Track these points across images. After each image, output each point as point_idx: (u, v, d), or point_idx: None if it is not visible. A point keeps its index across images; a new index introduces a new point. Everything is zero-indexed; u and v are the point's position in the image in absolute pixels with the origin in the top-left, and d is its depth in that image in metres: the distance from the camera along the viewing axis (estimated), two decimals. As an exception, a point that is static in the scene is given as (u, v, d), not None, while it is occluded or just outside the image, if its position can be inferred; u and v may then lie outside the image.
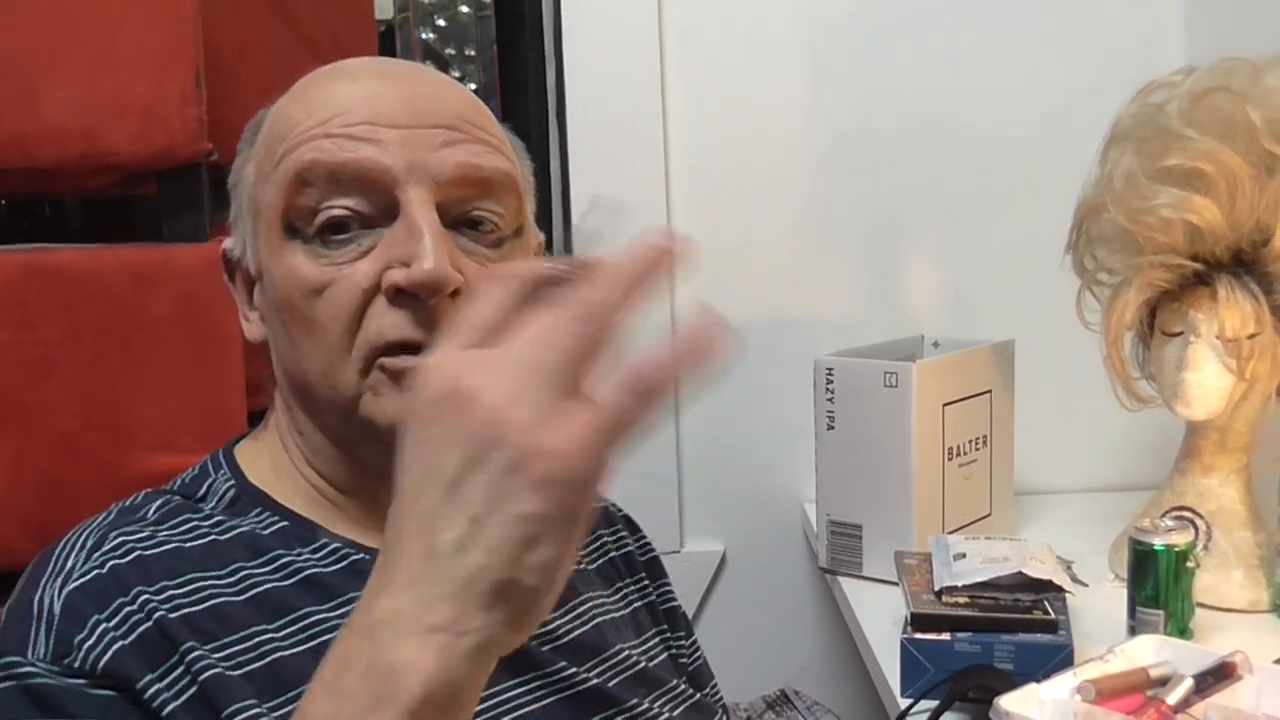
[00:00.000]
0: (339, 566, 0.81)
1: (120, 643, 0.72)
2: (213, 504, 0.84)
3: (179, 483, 0.87)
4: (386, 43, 1.87)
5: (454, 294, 0.78)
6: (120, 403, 1.24)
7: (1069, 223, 1.39)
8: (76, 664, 0.71)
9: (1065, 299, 1.40)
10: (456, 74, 1.89)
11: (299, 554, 0.81)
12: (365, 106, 0.79)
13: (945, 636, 1.11)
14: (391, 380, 0.78)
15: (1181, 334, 1.29)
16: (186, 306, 1.24)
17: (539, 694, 0.83)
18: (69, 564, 0.76)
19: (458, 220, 0.80)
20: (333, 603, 0.79)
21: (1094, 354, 1.36)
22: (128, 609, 0.73)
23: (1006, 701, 0.92)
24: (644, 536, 1.07)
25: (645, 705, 0.88)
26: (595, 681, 0.86)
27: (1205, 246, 1.25)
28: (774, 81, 1.79)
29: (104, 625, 0.73)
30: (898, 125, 1.79)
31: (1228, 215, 1.23)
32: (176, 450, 1.23)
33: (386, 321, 0.78)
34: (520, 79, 1.86)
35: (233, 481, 0.85)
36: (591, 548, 1.01)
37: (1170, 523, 1.19)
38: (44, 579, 0.76)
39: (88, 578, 0.75)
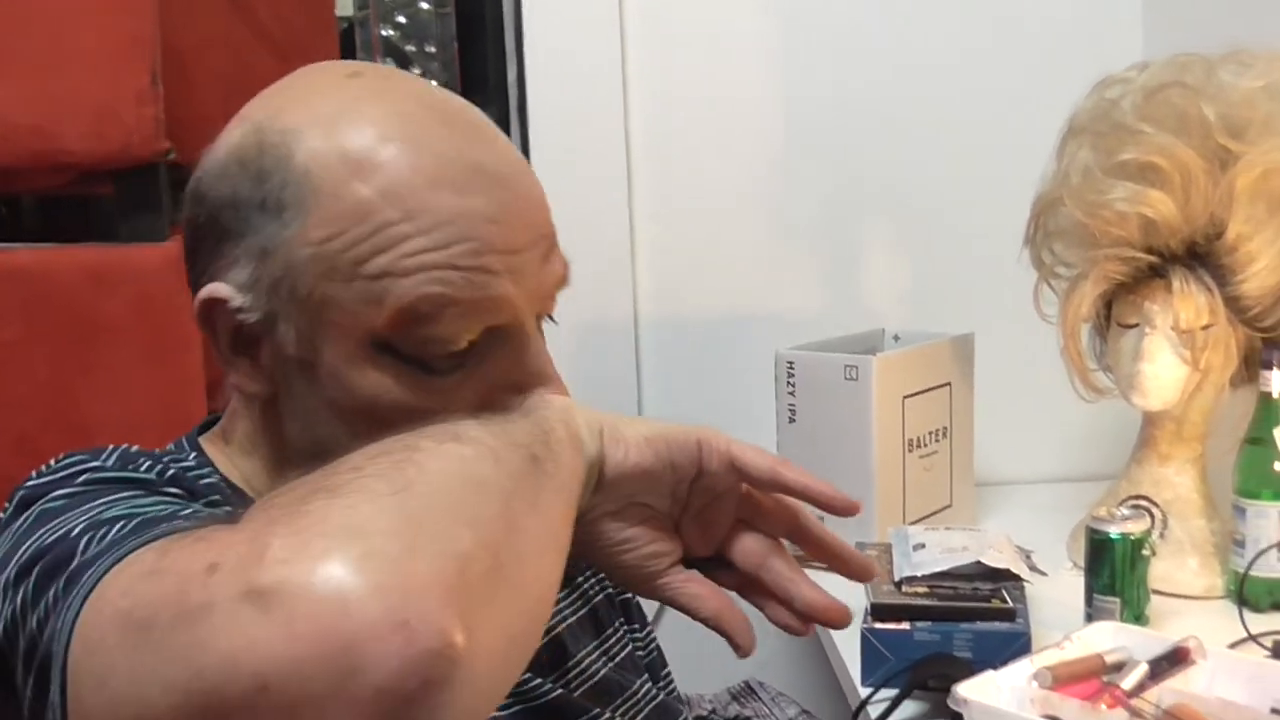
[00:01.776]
0: None
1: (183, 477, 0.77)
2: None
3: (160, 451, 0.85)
4: (347, 40, 1.86)
5: None
6: (78, 403, 1.23)
7: (1027, 216, 1.40)
8: (143, 469, 0.75)
9: (1024, 292, 1.42)
10: (418, 70, 1.88)
11: None
12: (490, 232, 0.73)
13: (905, 626, 1.12)
14: None
15: (1137, 326, 1.30)
16: (144, 307, 1.24)
17: (506, 704, 0.82)
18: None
19: None
20: None
21: (1052, 346, 1.37)
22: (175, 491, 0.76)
23: (964, 689, 0.93)
24: None
25: (609, 715, 0.88)
26: (560, 692, 0.86)
27: (1160, 240, 1.27)
28: (735, 78, 1.79)
29: (161, 463, 0.77)
30: (858, 121, 1.80)
31: (1182, 209, 1.24)
32: (136, 450, 1.23)
33: None
34: (481, 76, 1.86)
35: (210, 468, 0.83)
36: None
37: (1126, 511, 1.21)
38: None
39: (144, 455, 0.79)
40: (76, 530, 0.65)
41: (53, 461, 0.76)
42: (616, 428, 0.76)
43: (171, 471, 0.77)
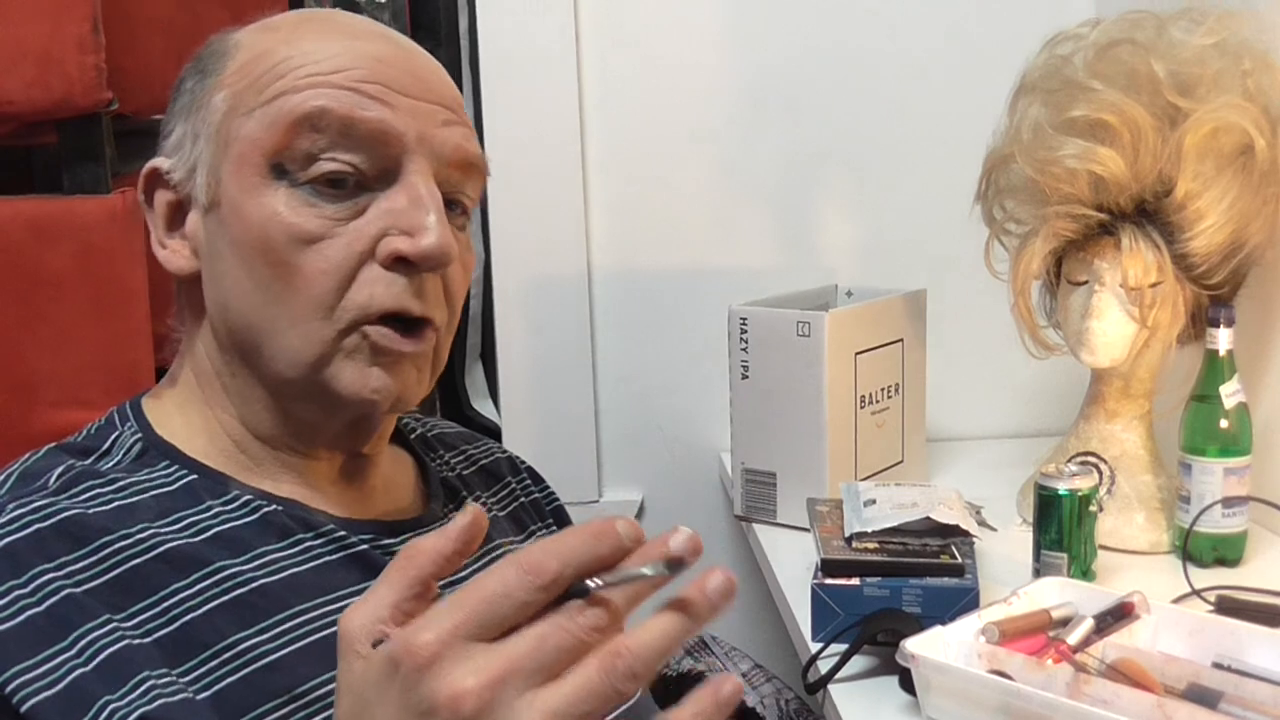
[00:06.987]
0: (251, 519, 0.81)
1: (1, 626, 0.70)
2: (118, 458, 0.82)
3: (84, 435, 0.86)
4: (295, -12, 1.83)
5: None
6: (22, 358, 1.22)
7: (979, 173, 1.40)
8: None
9: (975, 249, 1.42)
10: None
11: (209, 508, 0.80)
12: (377, 67, 0.80)
13: (854, 581, 1.13)
14: (372, 350, 0.79)
15: (1086, 283, 1.31)
16: (88, 259, 1.22)
17: None
18: None
19: (443, 199, 0.82)
20: (244, 556, 0.78)
21: (1003, 303, 1.38)
22: (17, 592, 0.71)
23: (912, 644, 0.94)
24: (548, 487, 1.09)
25: None
26: None
27: (1109, 197, 1.27)
28: (690, 30, 1.78)
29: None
30: (812, 76, 1.79)
31: (1131, 166, 1.25)
32: (82, 405, 1.21)
33: (381, 289, 0.79)
34: (433, 25, 1.84)
35: (140, 435, 0.84)
36: (502, 494, 1.01)
37: (1074, 468, 1.22)
38: None
39: None
40: None
41: None
42: None
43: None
